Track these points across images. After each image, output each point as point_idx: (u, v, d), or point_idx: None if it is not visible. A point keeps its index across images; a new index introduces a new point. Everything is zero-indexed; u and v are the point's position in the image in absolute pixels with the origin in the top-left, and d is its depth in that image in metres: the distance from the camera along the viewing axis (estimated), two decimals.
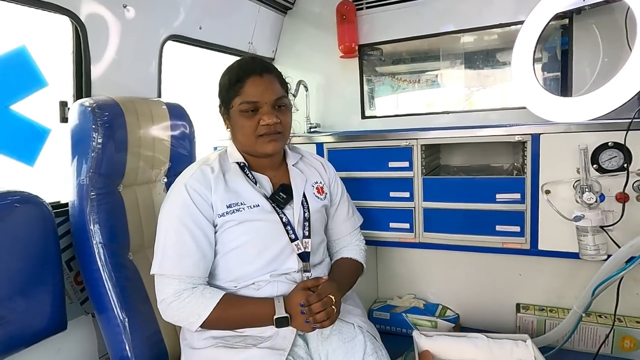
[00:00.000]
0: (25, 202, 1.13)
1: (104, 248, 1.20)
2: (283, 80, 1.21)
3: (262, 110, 1.12)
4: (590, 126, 1.38)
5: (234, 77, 1.13)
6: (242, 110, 1.12)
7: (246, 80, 1.12)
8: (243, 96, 1.11)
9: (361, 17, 2.21)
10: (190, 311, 1.06)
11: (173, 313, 1.08)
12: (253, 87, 1.11)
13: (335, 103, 2.38)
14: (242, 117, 1.13)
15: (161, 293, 1.09)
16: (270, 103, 1.12)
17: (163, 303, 1.08)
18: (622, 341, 1.59)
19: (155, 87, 1.66)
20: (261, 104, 1.11)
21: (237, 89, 1.12)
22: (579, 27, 1.79)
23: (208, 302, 1.06)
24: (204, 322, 1.06)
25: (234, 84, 1.12)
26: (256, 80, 1.12)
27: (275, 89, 1.14)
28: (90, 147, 1.21)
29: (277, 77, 1.18)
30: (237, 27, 2.09)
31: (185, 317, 1.07)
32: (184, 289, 1.07)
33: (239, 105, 1.12)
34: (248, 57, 1.22)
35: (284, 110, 1.16)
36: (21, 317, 1.10)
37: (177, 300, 1.06)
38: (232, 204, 1.12)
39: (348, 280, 1.27)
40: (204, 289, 1.09)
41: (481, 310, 1.90)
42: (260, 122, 1.11)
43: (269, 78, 1.14)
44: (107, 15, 1.42)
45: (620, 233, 1.33)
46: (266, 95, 1.11)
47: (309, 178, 1.27)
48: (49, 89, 1.37)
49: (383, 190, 1.66)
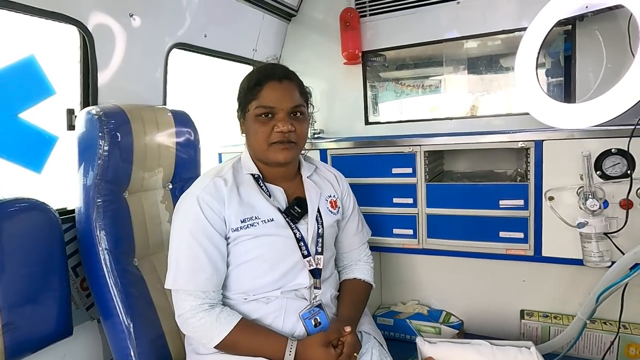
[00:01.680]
0: (32, 208, 1.15)
1: (110, 254, 1.21)
2: (304, 89, 1.19)
3: (277, 116, 1.10)
4: (593, 132, 1.38)
5: (253, 80, 1.13)
6: (258, 115, 1.11)
7: (264, 85, 1.11)
8: (260, 100, 1.10)
9: (364, 24, 2.22)
10: (203, 333, 1.06)
11: (189, 329, 1.09)
12: (271, 92, 1.10)
13: (338, 109, 2.39)
14: (256, 121, 1.11)
15: (179, 308, 1.09)
16: (287, 110, 1.10)
17: (180, 318, 1.09)
18: (628, 348, 1.57)
19: (160, 95, 1.68)
20: (277, 110, 1.10)
21: (254, 93, 1.11)
22: (582, 34, 1.80)
23: (221, 328, 1.05)
24: (215, 346, 1.06)
25: (252, 87, 1.12)
26: (275, 85, 1.11)
27: (294, 97, 1.13)
28: (97, 154, 1.22)
29: (297, 85, 1.16)
30: (241, 34, 2.11)
31: (199, 337, 1.08)
32: (200, 304, 1.07)
33: (255, 109, 1.11)
34: (270, 63, 1.21)
35: (301, 119, 1.14)
36: (28, 323, 1.11)
37: (194, 318, 1.06)
38: (247, 219, 1.11)
39: (363, 308, 1.28)
40: (220, 311, 1.08)
41: (485, 317, 1.89)
42: (275, 129, 1.10)
43: (288, 85, 1.13)
44: (113, 24, 1.44)
45: (624, 240, 1.33)
46: (283, 102, 1.10)
47: (323, 191, 1.25)
48: (57, 97, 1.39)
49: (386, 196, 1.67)
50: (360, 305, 1.26)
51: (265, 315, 1.12)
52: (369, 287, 1.33)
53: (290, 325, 1.12)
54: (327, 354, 1.03)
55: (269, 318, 1.11)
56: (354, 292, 1.28)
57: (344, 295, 1.26)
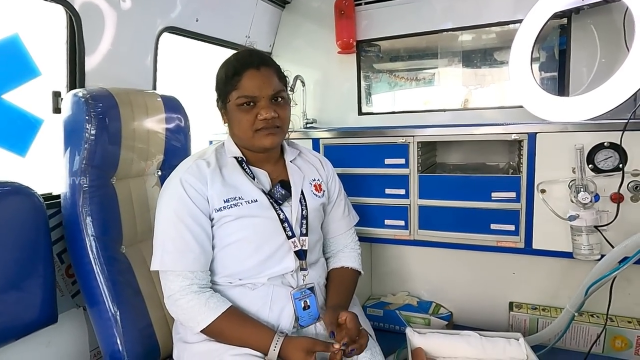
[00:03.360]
0: (16, 193, 1.12)
1: (96, 241, 1.19)
2: (282, 73, 1.18)
3: (259, 104, 1.10)
4: (586, 126, 1.38)
5: (230, 70, 1.11)
6: (239, 105, 1.10)
7: (243, 74, 1.09)
8: (240, 90, 1.09)
9: (360, 12, 2.20)
10: (191, 316, 1.05)
11: (177, 311, 1.08)
12: (250, 81, 1.09)
13: (332, 99, 2.37)
14: (239, 111, 1.10)
15: (167, 289, 1.08)
16: (268, 97, 1.10)
17: (170, 299, 1.08)
18: (614, 341, 1.59)
19: (150, 80, 1.65)
20: (259, 98, 1.09)
21: (234, 83, 1.10)
22: (577, 27, 1.80)
23: (209, 313, 1.04)
24: (201, 330, 1.05)
25: (231, 77, 1.10)
26: (253, 73, 1.10)
27: (273, 82, 1.12)
28: (83, 139, 1.19)
29: (275, 70, 1.15)
30: (234, 20, 2.07)
31: (186, 320, 1.07)
32: (189, 285, 1.06)
33: (236, 99, 1.10)
34: (246, 49, 1.20)
35: (282, 104, 1.14)
36: (11, 309, 1.09)
37: (184, 299, 1.05)
38: (230, 199, 1.10)
39: (352, 295, 1.28)
40: (210, 296, 1.07)
41: (474, 309, 1.90)
42: (258, 117, 1.09)
43: (267, 71, 1.12)
44: (102, 4, 1.40)
45: (614, 233, 1.33)
46: (264, 89, 1.09)
47: (307, 175, 1.26)
48: (42, 79, 1.35)
49: (378, 187, 1.66)
50: (348, 293, 1.26)
51: (251, 302, 1.11)
52: (357, 275, 1.33)
53: (276, 313, 1.11)
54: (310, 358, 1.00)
55: (256, 305, 1.11)
56: (342, 280, 1.28)
57: (332, 284, 1.26)
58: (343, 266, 1.30)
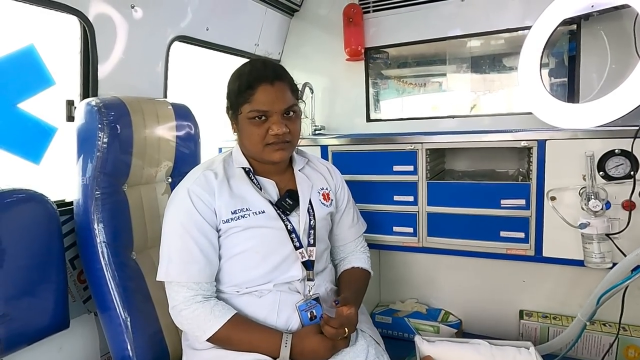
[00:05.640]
0: (30, 200, 1.14)
1: (108, 247, 1.20)
2: (294, 87, 1.17)
3: (271, 119, 1.09)
4: (597, 133, 1.37)
5: (244, 83, 1.10)
6: (251, 118, 1.09)
7: (257, 88, 1.08)
8: (253, 104, 1.08)
9: (368, 20, 2.21)
10: (197, 325, 1.05)
11: (182, 321, 1.08)
12: (264, 96, 1.08)
13: (340, 106, 2.38)
14: (250, 124, 1.10)
15: (172, 300, 1.09)
16: (280, 112, 1.09)
17: (174, 310, 1.08)
18: (627, 350, 1.57)
19: (161, 88, 1.67)
20: (271, 112, 1.09)
21: (246, 96, 1.09)
22: (587, 33, 1.78)
23: (215, 321, 1.04)
24: (208, 339, 1.05)
25: (244, 90, 1.09)
26: (267, 88, 1.08)
27: (286, 97, 1.11)
28: (96, 147, 1.21)
29: (288, 84, 1.14)
30: (243, 28, 2.09)
31: (192, 329, 1.08)
32: (193, 296, 1.06)
33: (248, 112, 1.09)
34: (260, 61, 1.18)
35: (294, 119, 1.14)
36: (24, 315, 1.11)
37: (188, 310, 1.06)
38: (238, 210, 1.11)
39: (362, 292, 1.28)
40: (214, 304, 1.07)
41: (484, 316, 1.88)
42: (269, 132, 1.09)
43: (280, 86, 1.11)
44: (114, 15, 1.43)
45: (626, 241, 1.32)
46: (276, 105, 1.09)
47: (315, 184, 1.25)
48: (56, 88, 1.38)
49: (387, 194, 1.66)
50: (359, 290, 1.27)
51: (258, 309, 1.11)
52: (367, 274, 1.33)
53: (284, 320, 1.11)
54: (323, 340, 1.03)
55: (263, 313, 1.11)
56: (353, 279, 1.29)
57: (342, 283, 1.27)
58: (353, 267, 1.31)
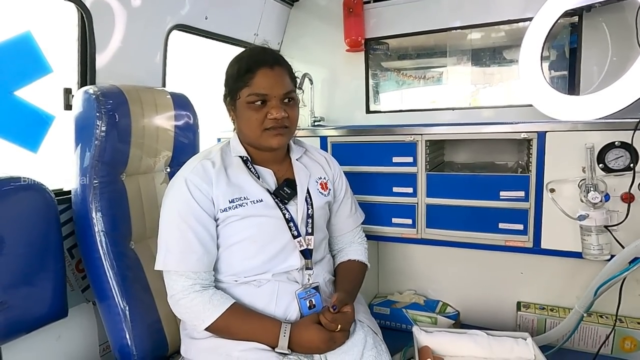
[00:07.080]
0: (28, 188, 1.13)
1: (106, 236, 1.20)
2: (293, 74, 1.18)
3: (270, 103, 1.09)
4: (597, 125, 1.37)
5: (243, 66, 1.10)
6: (250, 102, 1.09)
7: (257, 72, 1.08)
8: (252, 88, 1.08)
9: (368, 10, 2.19)
10: (195, 314, 1.05)
11: (181, 310, 1.08)
12: (263, 79, 1.08)
13: (339, 97, 2.37)
14: (249, 109, 1.10)
15: (170, 289, 1.09)
16: (279, 97, 1.10)
17: (172, 299, 1.08)
18: (623, 342, 1.58)
19: (160, 77, 1.66)
20: (270, 97, 1.09)
21: (246, 80, 1.09)
22: (588, 25, 1.77)
23: (213, 310, 1.04)
24: (207, 328, 1.05)
25: (244, 74, 1.09)
26: (267, 72, 1.09)
27: (285, 82, 1.12)
28: (94, 135, 1.20)
29: (287, 70, 1.15)
30: (243, 18, 2.07)
31: (190, 319, 1.08)
32: (191, 285, 1.06)
33: (246, 96, 1.09)
34: (259, 47, 1.18)
35: (292, 105, 1.14)
36: (22, 303, 1.11)
37: (186, 299, 1.05)
38: (235, 199, 1.10)
39: (359, 286, 1.28)
40: (213, 294, 1.07)
41: (482, 308, 1.89)
42: (268, 116, 1.09)
43: (280, 71, 1.11)
44: (113, 2, 1.41)
45: (624, 233, 1.32)
46: (276, 89, 1.09)
47: (313, 173, 1.26)
48: (54, 76, 1.36)
49: (386, 185, 1.65)
50: (356, 283, 1.27)
51: (257, 299, 1.11)
52: (364, 267, 1.33)
53: (282, 309, 1.11)
54: (321, 331, 1.03)
55: (261, 302, 1.11)
56: (349, 272, 1.29)
57: (339, 277, 1.27)
58: (350, 259, 1.31)
